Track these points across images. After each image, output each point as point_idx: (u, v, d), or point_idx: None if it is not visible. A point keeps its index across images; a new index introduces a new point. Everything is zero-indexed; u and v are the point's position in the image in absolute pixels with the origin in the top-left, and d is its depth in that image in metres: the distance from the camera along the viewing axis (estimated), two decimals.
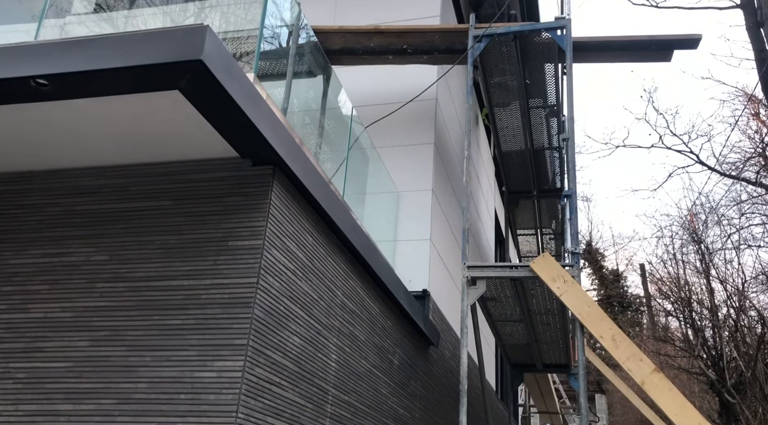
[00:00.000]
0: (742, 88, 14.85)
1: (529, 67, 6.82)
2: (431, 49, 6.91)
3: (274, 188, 3.41)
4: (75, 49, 2.78)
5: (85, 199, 3.56)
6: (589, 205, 30.23)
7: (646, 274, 21.50)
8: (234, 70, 2.95)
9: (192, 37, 2.73)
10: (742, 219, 13.90)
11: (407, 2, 7.64)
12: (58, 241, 3.49)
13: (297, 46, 5.34)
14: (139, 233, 3.41)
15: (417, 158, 7.02)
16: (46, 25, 4.52)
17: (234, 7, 5.01)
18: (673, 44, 6.69)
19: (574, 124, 6.17)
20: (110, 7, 5.36)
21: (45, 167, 3.67)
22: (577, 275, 5.50)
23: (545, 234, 10.43)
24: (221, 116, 3.06)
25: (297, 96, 5.17)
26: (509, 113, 7.61)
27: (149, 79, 2.80)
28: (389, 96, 7.19)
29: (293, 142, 3.55)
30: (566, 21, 6.34)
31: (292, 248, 3.61)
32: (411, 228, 6.72)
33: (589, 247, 27.64)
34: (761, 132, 14.05)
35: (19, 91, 2.87)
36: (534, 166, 8.49)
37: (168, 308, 3.22)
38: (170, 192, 3.48)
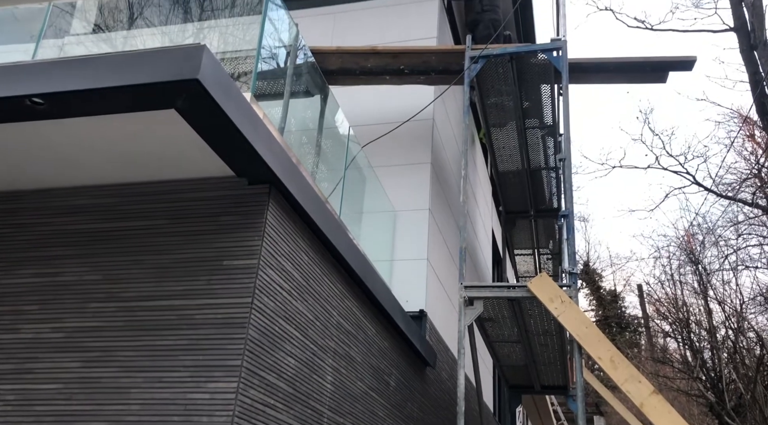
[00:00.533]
0: (737, 110, 14.97)
1: (526, 88, 6.87)
2: (428, 69, 6.96)
3: (270, 207, 3.40)
4: (70, 68, 2.78)
5: (79, 218, 3.54)
6: (587, 225, 30.23)
7: (644, 295, 21.44)
8: (231, 89, 2.95)
9: (189, 57, 2.74)
10: (739, 240, 13.91)
11: (404, 24, 7.71)
12: (50, 260, 3.45)
13: (294, 66, 5.36)
14: (132, 253, 3.38)
15: (414, 177, 7.03)
16: (44, 45, 4.54)
17: (232, 27, 5.04)
18: (669, 66, 6.75)
19: (570, 144, 6.19)
20: (109, 27, 5.39)
21: (38, 186, 3.65)
22: (574, 295, 5.48)
23: (542, 254, 10.41)
24: (218, 135, 3.05)
25: (294, 115, 5.18)
26: (506, 133, 7.64)
27: (145, 98, 2.80)
28: (386, 116, 7.22)
29: (290, 161, 3.55)
30: (562, 42, 6.39)
31: (288, 268, 3.58)
32: (408, 248, 6.70)
33: (586, 267, 27.59)
34: (756, 153, 14.13)
35: (14, 110, 2.86)
36: (531, 186, 8.50)
37: (161, 329, 3.18)
38: (165, 211, 3.46)
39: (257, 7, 4.61)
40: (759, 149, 14.06)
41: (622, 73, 7.02)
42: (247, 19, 4.82)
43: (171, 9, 5.28)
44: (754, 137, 14.21)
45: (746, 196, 13.33)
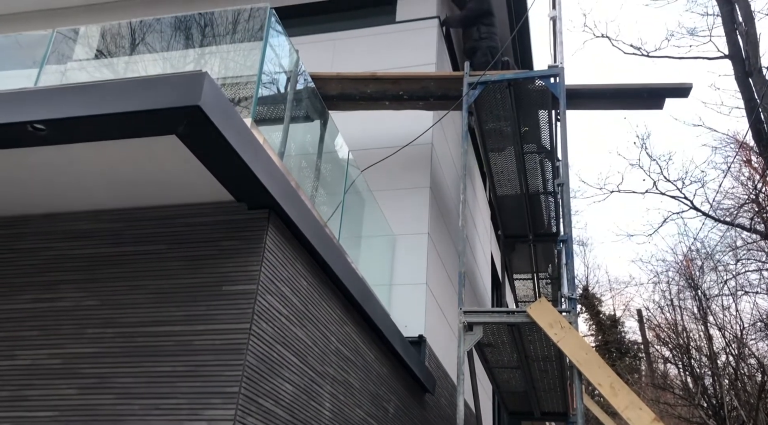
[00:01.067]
0: (733, 136, 15.09)
1: (524, 114, 6.92)
2: (427, 95, 7.03)
3: (269, 232, 3.40)
4: (73, 95, 2.81)
5: (80, 243, 3.53)
6: (585, 249, 30.17)
7: (644, 320, 21.32)
8: (232, 115, 2.97)
9: (190, 84, 2.76)
10: (737, 265, 13.89)
11: (404, 50, 7.80)
12: (50, 286, 3.44)
13: (295, 91, 5.41)
14: (132, 278, 3.37)
15: (413, 201, 7.04)
16: (47, 70, 4.59)
17: (233, 53, 5.09)
18: (665, 93, 6.82)
19: (568, 169, 6.22)
20: (111, 53, 5.44)
21: (41, 210, 3.66)
22: (574, 321, 5.45)
23: (542, 278, 10.39)
24: (218, 160, 3.07)
25: (294, 140, 5.21)
26: (504, 158, 7.68)
27: (147, 124, 2.82)
28: (385, 140, 7.26)
29: (289, 186, 3.56)
30: (559, 69, 6.46)
31: (286, 293, 3.57)
32: (407, 272, 6.69)
33: (585, 292, 27.48)
34: (754, 179, 14.20)
35: (17, 135, 2.88)
36: (529, 210, 8.52)
37: (159, 355, 3.16)
38: (165, 236, 3.46)
39: (258, 33, 4.67)
40: (756, 174, 14.14)
41: (619, 100, 7.09)
42: (248, 45, 4.87)
43: (172, 35, 5.34)
44: (750, 163, 14.29)
45: (744, 221, 13.35)
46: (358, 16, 8.50)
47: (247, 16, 4.94)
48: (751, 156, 14.05)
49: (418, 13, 8.03)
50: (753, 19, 11.76)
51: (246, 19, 4.97)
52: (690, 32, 14.20)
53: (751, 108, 10.58)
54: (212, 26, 5.29)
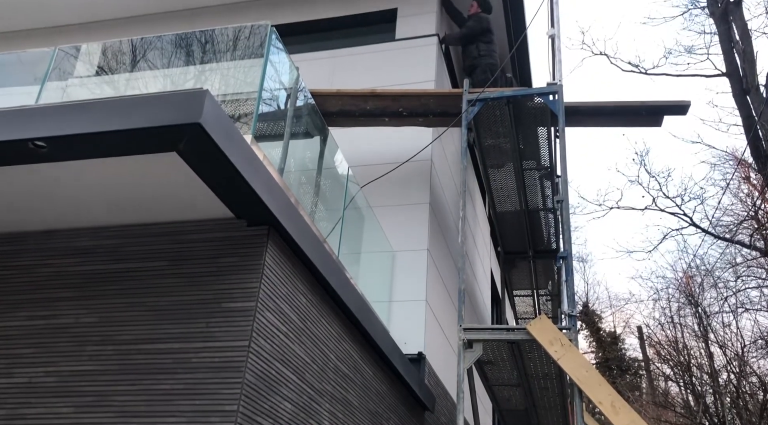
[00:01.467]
0: (731, 153, 15.15)
1: (523, 130, 6.95)
2: (426, 112, 7.05)
3: (269, 248, 3.39)
4: (74, 112, 2.82)
5: (78, 260, 3.53)
6: (585, 265, 30.10)
7: (644, 337, 21.22)
8: (232, 132, 2.98)
9: (191, 101, 2.77)
10: (738, 282, 13.86)
11: (403, 67, 7.85)
12: (47, 303, 3.43)
13: (295, 108, 5.43)
14: (131, 295, 3.36)
15: (412, 217, 7.04)
16: (48, 87, 4.61)
17: (234, 69, 5.11)
18: (663, 110, 6.85)
19: (567, 186, 6.23)
20: (112, 69, 5.48)
21: (39, 227, 3.65)
22: (574, 338, 5.43)
23: (542, 295, 10.36)
24: (218, 177, 3.07)
25: (294, 156, 5.22)
26: (503, 174, 7.70)
27: (148, 141, 2.82)
28: (385, 156, 7.27)
29: (289, 202, 3.56)
30: (558, 87, 6.50)
31: (285, 310, 3.55)
32: (406, 288, 6.66)
33: (585, 308, 27.38)
34: (753, 195, 14.22)
35: (17, 153, 2.89)
36: (529, 227, 8.51)
37: (157, 373, 3.14)
38: (164, 253, 3.45)
39: (259, 50, 4.70)
40: (755, 191, 14.16)
41: (618, 117, 7.12)
42: (248, 62, 4.90)
43: (173, 52, 5.37)
44: (749, 179, 14.32)
45: (744, 238, 13.35)
46: (358, 33, 8.56)
47: (248, 34, 4.98)
48: (750, 173, 14.09)
49: (418, 31, 8.09)
50: (750, 37, 11.87)
51: (246, 36, 5.01)
52: (687, 50, 14.29)
53: (749, 125, 10.63)
54: (213, 43, 5.33)
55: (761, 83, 11.22)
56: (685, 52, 14.15)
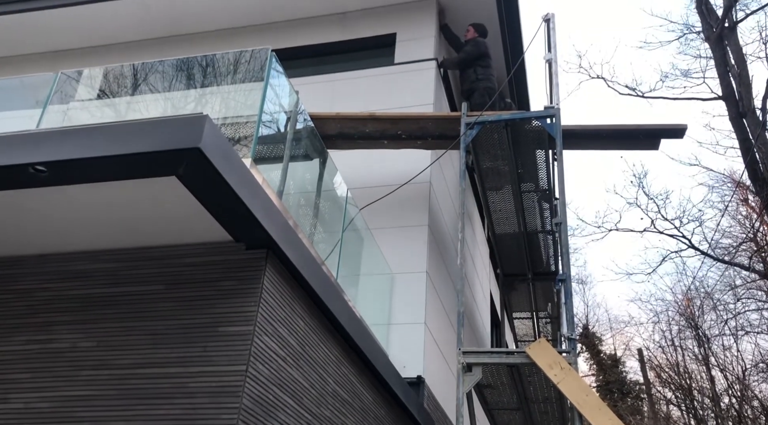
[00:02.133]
0: (729, 175, 15.21)
1: (521, 153, 6.99)
2: (425, 134, 7.10)
3: (267, 272, 3.39)
4: (75, 137, 2.84)
5: (75, 283, 3.52)
6: (585, 287, 29.99)
7: (645, 360, 21.07)
8: (231, 157, 3.00)
9: (191, 126, 2.80)
10: (738, 304, 13.82)
11: (402, 90, 7.92)
12: (44, 327, 3.41)
13: (294, 131, 5.47)
14: (128, 319, 3.35)
15: (411, 239, 7.04)
16: (49, 110, 4.65)
17: (234, 93, 5.16)
18: (660, 133, 6.90)
19: (566, 209, 6.24)
20: (113, 93, 5.53)
21: (38, 251, 3.66)
22: (574, 361, 5.40)
23: (541, 318, 10.32)
24: (217, 201, 3.09)
25: (293, 178, 5.25)
26: (502, 197, 7.72)
27: (147, 165, 2.84)
28: (384, 178, 7.30)
29: (287, 225, 3.57)
30: (555, 110, 6.55)
31: (283, 334, 3.54)
32: (405, 311, 6.64)
33: (585, 330, 27.24)
34: (751, 218, 14.25)
35: (17, 177, 2.91)
36: (528, 249, 8.52)
37: (154, 397, 3.11)
38: (162, 276, 3.45)
39: (259, 73, 4.75)
40: (753, 213, 14.19)
41: (615, 140, 7.17)
42: (248, 85, 4.95)
43: (174, 75, 5.43)
44: (747, 202, 14.36)
45: (743, 260, 13.33)
46: (358, 57, 8.66)
47: (249, 57, 5.04)
48: (748, 195, 14.14)
49: (416, 55, 8.18)
50: (745, 61, 12.00)
51: (247, 60, 5.07)
52: (684, 74, 14.45)
53: (746, 148, 10.70)
54: (214, 67, 5.39)
55: (757, 107, 11.32)
56: (682, 75, 14.29)
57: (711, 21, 12.65)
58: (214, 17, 9.19)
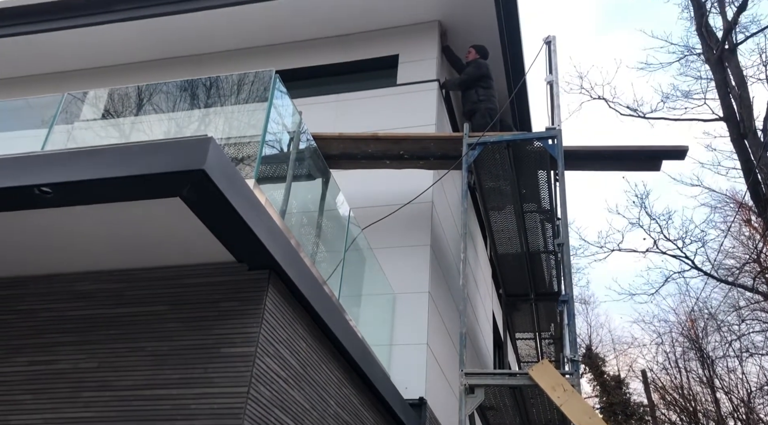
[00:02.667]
0: (731, 196, 15.20)
1: (523, 173, 7.01)
2: (427, 155, 7.13)
3: (269, 292, 3.39)
4: (80, 159, 2.87)
5: (79, 304, 3.52)
6: (588, 308, 29.82)
7: (649, 382, 20.87)
8: (235, 178, 3.03)
9: (196, 148, 2.83)
10: (742, 326, 13.72)
11: (404, 111, 7.97)
12: (47, 348, 3.41)
13: (297, 151, 5.50)
14: (130, 340, 3.35)
15: (413, 259, 7.03)
16: (55, 130, 4.69)
17: (238, 113, 5.20)
18: (662, 155, 6.92)
19: (568, 229, 6.25)
20: (118, 113, 5.57)
21: (42, 271, 3.67)
22: (577, 383, 5.36)
23: (544, 338, 10.26)
24: (221, 222, 3.10)
25: (296, 198, 5.26)
26: (504, 217, 7.73)
27: (152, 187, 2.86)
28: (386, 198, 7.32)
29: (290, 245, 3.58)
30: (556, 131, 6.58)
31: (285, 355, 3.53)
32: (407, 332, 6.61)
33: (589, 351, 27.03)
34: (754, 238, 14.21)
35: (23, 198, 2.93)
36: (530, 269, 8.49)
37: (155, 419, 3.10)
38: (165, 297, 3.45)
39: (263, 94, 4.80)
40: (756, 234, 14.16)
41: (617, 161, 7.19)
42: (252, 106, 4.99)
43: (179, 96, 5.48)
44: (750, 222, 14.34)
45: (747, 280, 13.27)
46: (361, 79, 8.73)
47: (252, 78, 5.09)
48: (751, 216, 14.12)
49: (419, 77, 8.25)
50: (745, 83, 12.08)
51: (251, 81, 5.12)
52: (685, 95, 14.48)
53: (748, 169, 10.72)
54: (218, 88, 5.44)
55: (758, 128, 11.37)
56: (683, 96, 14.34)
57: (711, 43, 12.76)
58: (219, 39, 9.30)
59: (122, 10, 9.08)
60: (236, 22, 8.99)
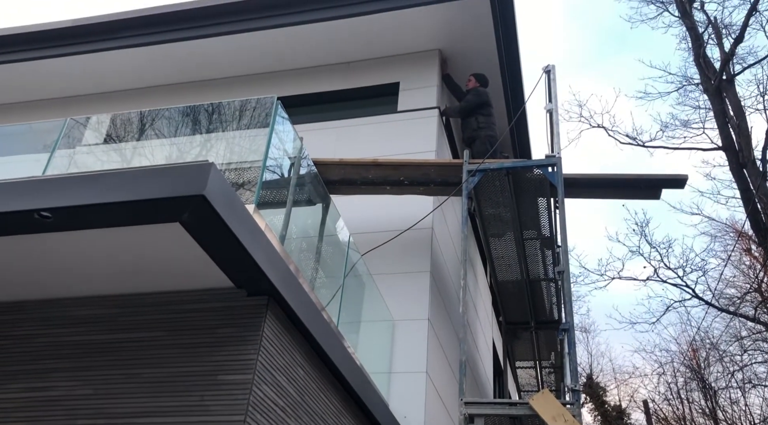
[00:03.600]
0: (731, 225, 15.19)
1: (523, 201, 7.02)
2: (427, 181, 7.15)
3: (268, 319, 3.36)
4: (81, 184, 2.87)
5: (76, 329, 3.49)
6: (589, 336, 29.59)
7: (650, 413, 20.60)
8: (235, 204, 3.02)
9: (196, 173, 2.83)
10: (744, 357, 13.59)
11: (404, 137, 8.02)
12: (43, 374, 3.37)
13: (298, 176, 5.52)
14: (127, 366, 3.31)
15: (413, 286, 7.00)
16: (57, 154, 4.71)
17: (240, 138, 5.23)
18: (661, 184, 6.94)
19: (568, 257, 6.23)
20: (120, 138, 5.61)
21: (39, 296, 3.64)
22: (578, 414, 5.29)
23: (544, 367, 10.16)
24: (220, 248, 3.09)
25: (296, 223, 5.26)
26: (504, 244, 7.71)
27: (152, 212, 2.86)
28: (386, 224, 7.31)
29: (289, 272, 3.56)
30: (556, 159, 6.61)
31: (283, 383, 3.49)
32: (406, 359, 6.54)
33: (590, 380, 26.73)
34: (755, 268, 14.17)
35: (23, 223, 2.92)
36: (530, 297, 8.45)
37: None
38: (163, 323, 3.42)
39: (264, 120, 4.83)
40: (757, 263, 14.12)
41: (616, 189, 7.21)
42: (254, 131, 5.02)
43: (181, 121, 5.52)
44: (750, 251, 14.31)
45: (748, 310, 13.19)
46: (362, 105, 8.80)
47: (254, 104, 5.13)
48: (751, 245, 14.09)
49: (419, 104, 8.32)
50: (744, 113, 12.17)
51: (253, 106, 5.16)
52: (683, 124, 14.58)
53: (747, 198, 10.74)
54: (220, 113, 5.48)
55: (757, 157, 11.42)
56: (681, 125, 14.44)
57: (709, 73, 12.90)
58: (222, 66, 9.40)
59: (126, 37, 9.20)
60: (239, 50, 9.09)
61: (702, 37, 13.54)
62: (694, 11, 13.91)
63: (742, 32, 12.24)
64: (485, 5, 8.06)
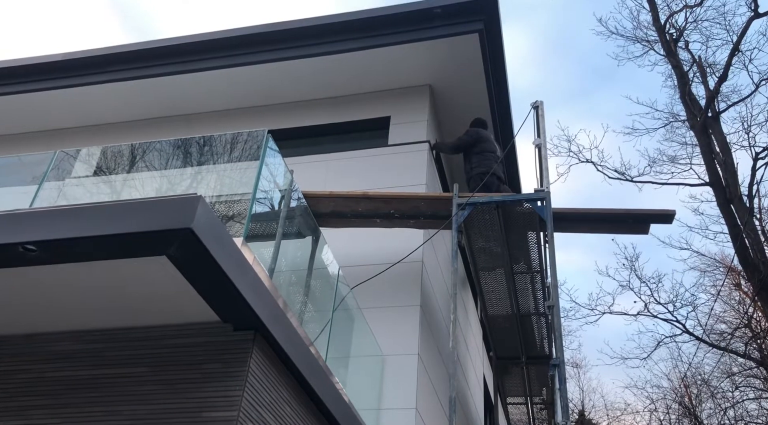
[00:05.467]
0: (720, 260, 15.25)
1: (512, 234, 7.04)
2: (417, 214, 7.16)
3: (254, 354, 3.31)
4: (67, 217, 2.85)
5: (57, 365, 3.42)
6: (580, 371, 29.33)
7: None
8: (223, 238, 3.00)
9: (184, 207, 2.81)
10: (735, 393, 13.50)
11: (395, 171, 8.06)
12: (22, 411, 3.28)
13: (288, 209, 5.51)
14: (108, 403, 3.23)
15: (403, 320, 6.93)
16: (45, 186, 4.69)
17: (230, 171, 5.23)
18: (649, 219, 6.99)
19: (558, 291, 6.22)
20: (110, 170, 5.59)
21: (22, 331, 3.57)
22: None
23: (535, 403, 10.05)
24: (207, 282, 3.06)
25: (285, 256, 5.23)
26: (494, 277, 7.70)
27: (139, 245, 2.83)
28: (376, 257, 7.28)
29: (277, 306, 3.52)
30: (545, 193, 6.65)
31: (269, 421, 3.41)
32: (396, 395, 6.44)
33: (582, 417, 26.40)
34: (744, 303, 14.19)
35: (7, 256, 2.89)
36: (521, 331, 8.41)
37: None
38: (147, 358, 3.36)
39: (255, 152, 4.84)
40: (747, 298, 14.15)
41: (605, 224, 7.25)
42: (244, 164, 5.03)
43: (171, 153, 5.52)
44: (740, 286, 14.35)
45: (738, 345, 13.15)
46: (352, 139, 8.87)
47: (246, 137, 5.15)
48: (740, 280, 14.14)
49: (410, 138, 8.38)
50: (729, 149, 12.36)
51: (244, 139, 5.18)
52: (671, 159, 14.78)
53: (735, 234, 10.82)
54: (210, 146, 5.49)
55: (744, 193, 11.55)
56: (669, 161, 14.63)
57: (695, 110, 13.13)
58: (213, 99, 9.46)
59: (117, 70, 9.26)
60: (230, 84, 9.17)
61: (687, 75, 13.83)
62: (679, 50, 14.23)
63: (726, 71, 12.52)
64: (474, 43, 8.21)
